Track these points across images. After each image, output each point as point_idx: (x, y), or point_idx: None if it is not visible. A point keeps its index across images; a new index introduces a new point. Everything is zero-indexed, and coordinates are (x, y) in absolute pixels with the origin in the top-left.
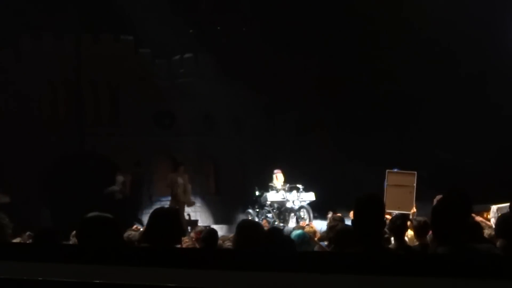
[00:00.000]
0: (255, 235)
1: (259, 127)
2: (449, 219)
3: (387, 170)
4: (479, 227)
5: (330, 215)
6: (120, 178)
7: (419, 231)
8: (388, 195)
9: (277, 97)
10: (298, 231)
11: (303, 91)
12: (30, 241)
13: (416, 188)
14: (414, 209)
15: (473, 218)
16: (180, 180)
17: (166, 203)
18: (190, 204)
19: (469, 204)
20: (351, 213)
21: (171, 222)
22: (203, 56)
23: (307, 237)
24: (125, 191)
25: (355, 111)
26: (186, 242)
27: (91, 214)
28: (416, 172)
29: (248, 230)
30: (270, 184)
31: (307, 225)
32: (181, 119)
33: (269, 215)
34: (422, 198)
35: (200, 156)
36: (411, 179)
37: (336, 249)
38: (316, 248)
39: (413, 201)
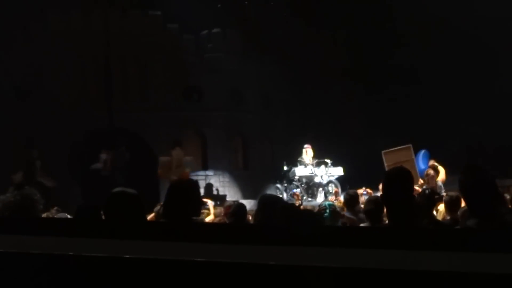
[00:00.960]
0: (275, 210)
1: (287, 102)
2: (480, 190)
3: (382, 152)
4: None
5: (362, 190)
6: (103, 156)
7: (451, 206)
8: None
9: (305, 71)
10: (329, 202)
11: (331, 64)
12: (58, 215)
13: (447, 163)
14: (421, 180)
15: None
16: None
17: (195, 177)
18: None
19: (493, 178)
20: (380, 187)
21: (189, 195)
22: (231, 31)
23: (337, 209)
24: (107, 168)
25: (385, 85)
26: (216, 216)
27: (116, 190)
28: (411, 145)
29: (269, 205)
30: (299, 159)
31: (336, 199)
32: (209, 95)
33: (298, 190)
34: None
35: (228, 131)
36: (408, 153)
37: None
38: (344, 220)
39: (417, 174)
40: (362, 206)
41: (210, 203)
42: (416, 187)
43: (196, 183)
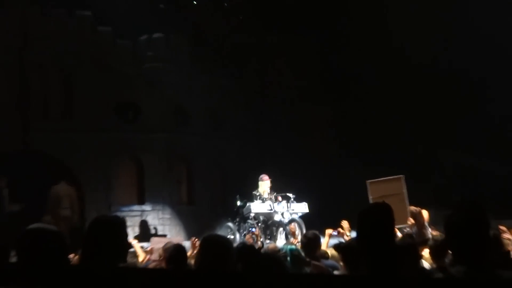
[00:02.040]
0: (222, 253)
1: (242, 124)
2: (466, 233)
3: (367, 181)
4: (501, 243)
5: (331, 231)
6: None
7: (436, 252)
8: None
9: (264, 88)
10: (291, 246)
11: (296, 79)
12: None
13: (432, 198)
14: (411, 220)
15: (499, 233)
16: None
17: (128, 213)
18: (74, 223)
19: (486, 216)
20: (343, 226)
21: (111, 235)
22: (175, 36)
23: (301, 254)
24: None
25: (358, 108)
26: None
27: (33, 226)
28: (403, 176)
29: (213, 247)
30: (254, 192)
31: (299, 242)
32: (147, 113)
33: (253, 229)
34: (439, 209)
35: (170, 158)
36: (398, 185)
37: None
38: (312, 268)
39: (407, 210)
40: (330, 250)
41: (135, 243)
42: (407, 229)
43: (121, 220)
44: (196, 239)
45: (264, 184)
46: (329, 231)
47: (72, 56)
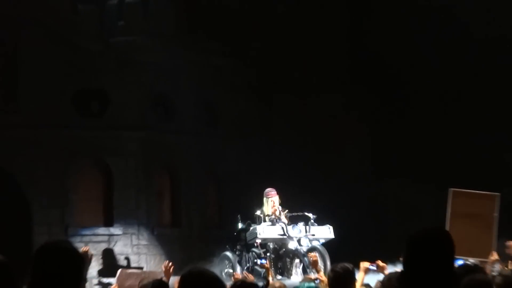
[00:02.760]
0: None
1: (244, 120)
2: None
3: (450, 189)
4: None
5: (366, 264)
6: None
7: None
8: (453, 231)
9: (273, 71)
10: (310, 284)
11: (316, 65)
12: None
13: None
14: (495, 255)
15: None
16: None
17: (91, 238)
18: None
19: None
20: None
21: (66, 268)
22: (155, 0)
23: None
24: None
25: (399, 104)
26: None
27: None
28: (499, 194)
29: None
30: (257, 213)
31: (322, 278)
32: (118, 103)
33: (260, 261)
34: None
35: (149, 163)
36: (490, 205)
37: None
38: None
39: (492, 240)
40: None
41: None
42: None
43: (75, 251)
44: (170, 265)
45: (273, 201)
46: (364, 265)
47: (17, 26)
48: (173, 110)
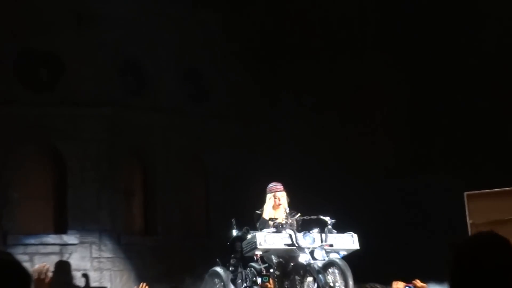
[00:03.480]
0: None
1: (241, 96)
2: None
3: (465, 193)
4: None
5: (400, 284)
6: None
7: None
8: None
9: (283, 31)
10: None
11: (337, 26)
12: None
13: None
14: None
15: None
16: None
17: (38, 249)
18: None
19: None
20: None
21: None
22: None
23: None
24: None
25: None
26: None
27: None
28: None
29: None
30: (258, 211)
31: None
32: (75, 72)
33: (261, 279)
34: None
35: (115, 151)
36: None
37: None
38: None
39: None
40: None
41: None
42: None
43: (17, 265)
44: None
45: (279, 199)
46: (399, 286)
47: None
48: (147, 80)
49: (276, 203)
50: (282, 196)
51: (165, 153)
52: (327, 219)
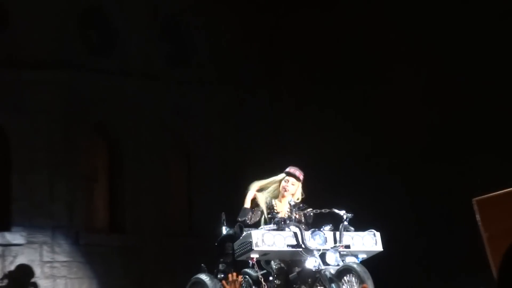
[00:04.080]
0: None
1: (237, 57)
2: None
3: (474, 200)
4: None
5: None
6: None
7: None
8: (493, 253)
9: None
10: None
11: None
12: None
13: None
14: None
15: None
16: None
17: None
18: None
19: None
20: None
21: None
22: None
23: None
24: None
25: None
26: None
27: None
28: None
29: None
30: (257, 203)
31: None
32: (16, 23)
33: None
34: None
35: (72, 125)
36: None
37: None
38: None
39: None
40: None
41: None
42: None
43: None
44: None
45: (287, 186)
46: None
47: None
48: (114, 36)
49: (282, 187)
50: (294, 184)
51: (137, 129)
52: (342, 213)
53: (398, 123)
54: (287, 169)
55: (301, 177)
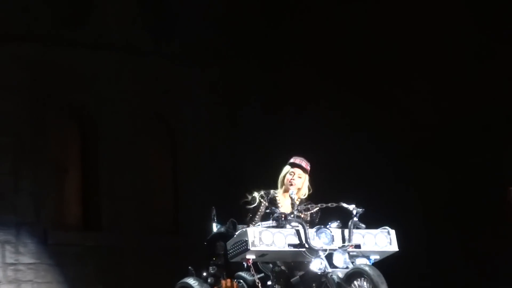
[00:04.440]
0: None
1: (229, 27)
2: None
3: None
4: None
5: None
6: None
7: None
8: None
9: None
10: None
11: None
12: None
13: None
14: None
15: None
16: None
17: None
18: None
19: None
20: None
21: None
22: None
23: None
24: None
25: None
26: None
27: None
28: None
29: None
30: (257, 194)
31: None
32: None
33: None
34: None
35: (41, 107)
36: None
37: None
38: None
39: None
40: None
41: None
42: None
43: None
44: None
45: (293, 180)
46: None
47: None
48: (88, 2)
49: (288, 180)
50: (301, 177)
51: (114, 111)
52: (352, 207)
53: (414, 104)
54: (292, 160)
55: (308, 168)
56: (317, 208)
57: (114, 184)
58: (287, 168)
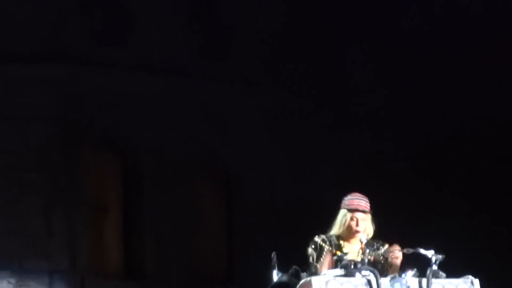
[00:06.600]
0: None
1: (284, 43)
2: None
3: None
4: None
5: None
6: None
7: None
8: None
9: None
10: None
11: None
12: None
13: None
14: None
15: None
16: None
17: None
18: None
19: None
20: None
21: None
22: None
23: None
24: None
25: None
26: None
27: None
28: None
29: None
30: (318, 240)
31: None
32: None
33: None
34: None
35: (74, 138)
36: None
37: None
38: None
39: None
40: None
41: None
42: None
43: None
44: None
45: (357, 222)
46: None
47: None
48: (128, 19)
49: (353, 228)
50: (364, 220)
51: (159, 141)
52: (431, 254)
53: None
54: (348, 202)
55: (368, 206)
56: (386, 248)
57: (159, 226)
58: (344, 212)
